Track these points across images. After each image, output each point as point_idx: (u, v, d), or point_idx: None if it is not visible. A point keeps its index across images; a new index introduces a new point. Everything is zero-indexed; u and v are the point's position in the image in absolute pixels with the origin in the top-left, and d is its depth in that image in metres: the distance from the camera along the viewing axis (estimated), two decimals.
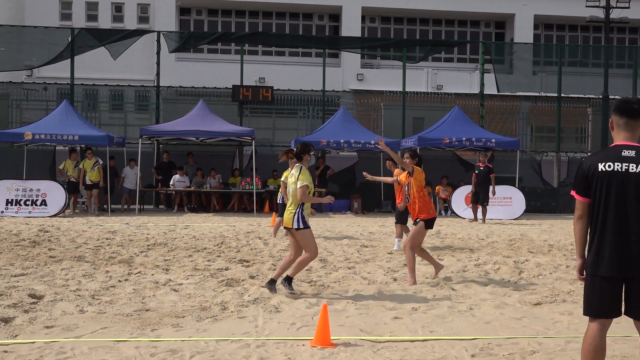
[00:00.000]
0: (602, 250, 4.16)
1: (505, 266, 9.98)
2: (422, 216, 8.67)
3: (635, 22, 32.44)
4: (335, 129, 20.87)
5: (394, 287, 8.17)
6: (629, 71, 25.03)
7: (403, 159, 8.88)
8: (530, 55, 26.41)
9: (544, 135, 25.74)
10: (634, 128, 4.27)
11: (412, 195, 8.73)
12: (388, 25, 34.67)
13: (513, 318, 6.69)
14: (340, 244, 12.54)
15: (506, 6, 33.50)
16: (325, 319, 5.55)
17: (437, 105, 25.04)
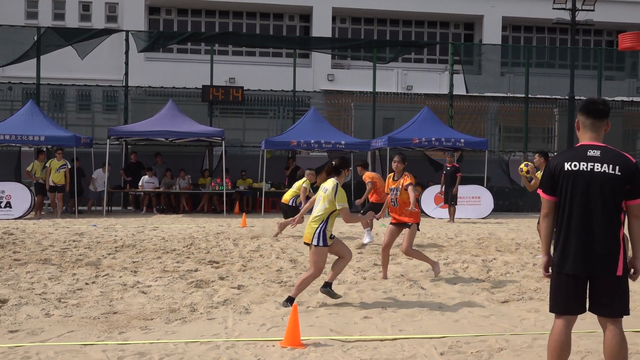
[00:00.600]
0: (567, 249, 4.22)
1: (473, 265, 10.08)
2: (413, 220, 8.75)
3: (600, 24, 32.98)
4: (306, 129, 20.86)
5: (364, 287, 8.19)
6: (594, 72, 25.46)
7: (392, 163, 8.96)
8: (498, 56, 26.71)
9: (512, 135, 26.05)
10: (600, 128, 4.34)
11: (401, 201, 8.75)
12: (358, 25, 34.79)
13: (481, 316, 6.76)
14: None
15: (475, 8, 33.85)
16: (295, 319, 5.54)
17: (407, 105, 25.18)
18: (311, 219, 7.11)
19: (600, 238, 4.15)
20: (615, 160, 4.18)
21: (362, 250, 11.79)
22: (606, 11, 32.85)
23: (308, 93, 25.75)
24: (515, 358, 5.31)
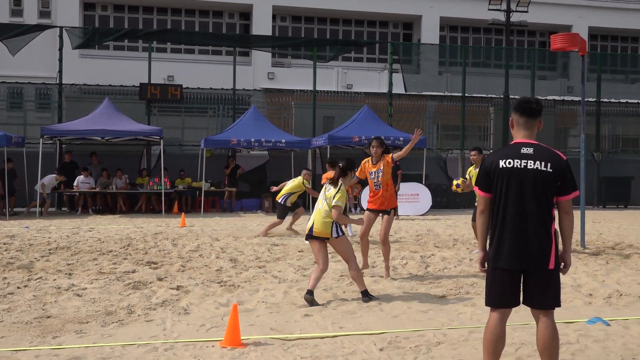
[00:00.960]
0: (502, 244, 4.32)
1: (412, 261, 10.22)
2: (393, 205, 8.80)
3: (533, 25, 33.90)
4: (246, 127, 20.74)
5: (305, 285, 8.19)
6: (528, 72, 26.17)
7: (371, 148, 8.85)
8: (436, 56, 27.17)
9: (449, 134, 26.53)
10: (533, 126, 4.46)
11: (384, 182, 8.70)
12: (299, 24, 34.79)
13: (420, 311, 6.86)
14: (250, 243, 12.47)
15: (413, 8, 34.30)
16: (235, 319, 5.50)
17: (347, 104, 25.34)
18: (323, 215, 7.24)
19: (533, 233, 4.26)
20: (547, 158, 4.30)
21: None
22: (539, 13, 33.80)
23: (248, 91, 25.63)
24: (452, 351, 5.40)
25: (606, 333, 5.99)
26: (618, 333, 6.01)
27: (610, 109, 26.48)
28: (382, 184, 8.73)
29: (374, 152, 8.86)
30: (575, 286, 8.33)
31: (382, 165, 8.72)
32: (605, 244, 12.95)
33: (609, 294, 7.84)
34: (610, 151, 26.28)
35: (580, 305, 7.28)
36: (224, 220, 17.93)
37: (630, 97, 26.93)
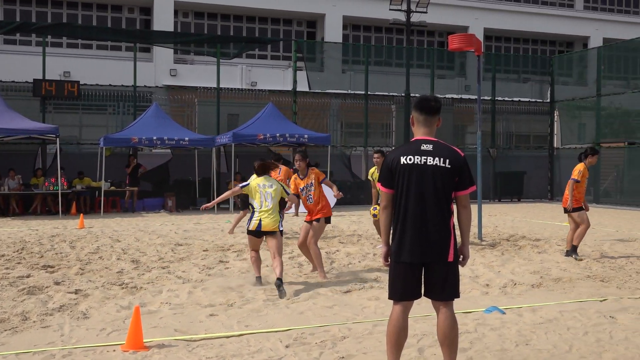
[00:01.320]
0: (404, 238, 4.42)
1: None
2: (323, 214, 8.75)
3: (432, 26, 34.96)
4: (148, 125, 20.23)
5: (209, 285, 8.10)
6: (428, 71, 26.92)
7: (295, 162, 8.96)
8: (339, 54, 27.47)
9: (353, 131, 26.92)
10: (432, 124, 4.58)
11: (315, 196, 8.74)
12: (201, 20, 34.31)
13: (325, 307, 6.93)
14: (154, 244, 12.20)
15: (317, 6, 34.58)
16: (137, 321, 5.36)
17: (252, 101, 25.21)
18: (270, 211, 7.88)
19: (433, 227, 4.39)
20: (445, 154, 4.44)
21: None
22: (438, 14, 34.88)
23: (150, 88, 24.99)
24: (357, 345, 5.49)
25: (502, 321, 6.26)
26: (513, 321, 6.29)
27: (504, 107, 27.66)
28: (314, 197, 8.80)
29: (298, 166, 8.95)
30: (473, 277, 8.65)
31: (312, 180, 8.82)
32: (501, 236, 13.53)
33: (504, 283, 8.20)
34: (504, 147, 27.47)
35: (478, 296, 7.57)
36: (126, 220, 17.45)
37: (523, 95, 28.23)
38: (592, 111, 25.58)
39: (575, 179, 10.52)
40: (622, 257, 10.52)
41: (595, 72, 25.49)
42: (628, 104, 24.40)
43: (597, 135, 24.87)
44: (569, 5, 41.39)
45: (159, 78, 29.98)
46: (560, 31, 39.57)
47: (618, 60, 26.31)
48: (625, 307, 6.86)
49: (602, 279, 8.60)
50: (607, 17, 40.93)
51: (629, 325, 6.15)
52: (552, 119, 27.88)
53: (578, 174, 10.59)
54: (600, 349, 5.40)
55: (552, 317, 6.44)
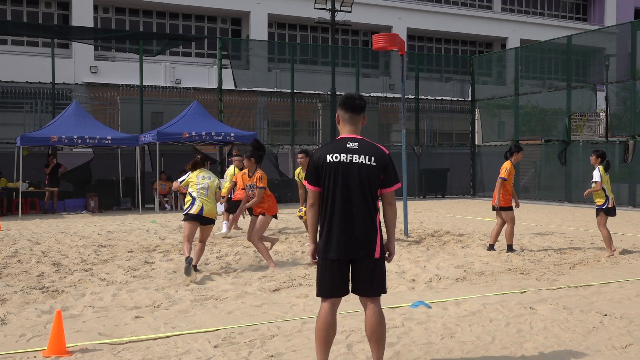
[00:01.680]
0: (331, 235, 4.45)
1: (245, 257, 10.25)
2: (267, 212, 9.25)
3: (357, 25, 35.35)
4: (68, 124, 19.59)
5: (135, 286, 7.93)
6: (353, 70, 27.20)
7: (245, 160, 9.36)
8: (265, 52, 27.36)
9: (280, 129, 26.91)
10: (357, 122, 4.63)
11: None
12: (123, 16, 33.51)
13: (253, 306, 6.90)
14: (76, 246, 11.84)
15: (242, 4, 34.36)
16: (59, 326, 5.19)
17: (176, 99, 24.82)
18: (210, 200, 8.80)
19: (360, 224, 4.44)
20: (371, 152, 4.49)
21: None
22: (362, 13, 35.31)
23: (69, 85, 24.23)
24: (286, 343, 5.49)
25: (428, 315, 6.40)
26: (438, 314, 6.44)
27: (427, 106, 28.26)
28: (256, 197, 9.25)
29: (245, 164, 9.36)
30: (400, 273, 8.80)
31: (255, 181, 9.16)
32: (426, 231, 13.82)
33: (430, 278, 8.38)
34: (428, 145, 28.06)
35: (404, 291, 7.70)
36: (45, 222, 16.86)
37: (445, 94, 28.92)
38: (511, 110, 26.47)
39: (503, 178, 10.82)
40: (541, 250, 10.94)
41: (513, 72, 26.38)
42: (544, 103, 25.37)
43: (516, 132, 25.75)
44: (488, 7, 42.68)
45: (78, 75, 29.13)
46: (480, 32, 40.76)
47: (534, 60, 27.32)
48: (544, 298, 7.13)
49: (522, 271, 8.91)
50: (523, 19, 42.44)
51: (547, 315, 6.40)
52: (473, 117, 28.68)
53: (505, 172, 10.86)
54: (522, 339, 5.59)
55: (476, 309, 6.63)
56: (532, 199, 24.80)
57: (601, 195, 10.40)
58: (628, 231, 13.95)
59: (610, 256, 10.15)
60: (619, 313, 6.45)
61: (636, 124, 21.03)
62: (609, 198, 10.43)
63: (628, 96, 21.57)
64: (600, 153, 10.63)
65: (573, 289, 7.70)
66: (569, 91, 23.59)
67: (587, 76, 25.98)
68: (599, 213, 10.48)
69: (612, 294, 7.36)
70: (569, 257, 10.22)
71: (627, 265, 9.50)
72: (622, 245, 11.49)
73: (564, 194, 23.19)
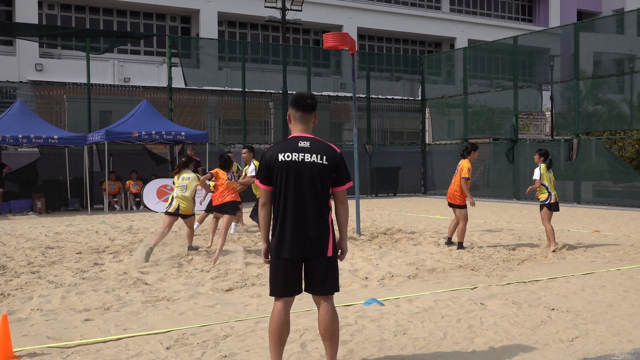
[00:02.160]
0: (284, 235, 4.45)
1: (198, 256, 10.16)
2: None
3: (308, 24, 35.39)
4: (12, 123, 19.06)
5: (84, 288, 7.78)
6: (304, 69, 27.22)
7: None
8: (215, 50, 27.13)
9: (231, 128, 26.73)
10: (309, 121, 4.64)
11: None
12: (69, 13, 32.79)
13: (206, 306, 6.84)
14: (22, 248, 11.53)
15: (191, 2, 34.03)
16: (5, 330, 5.06)
17: (125, 98, 24.39)
18: (184, 198, 10.38)
19: (312, 223, 4.45)
20: (322, 151, 4.51)
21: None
22: (313, 12, 35.38)
23: (13, 84, 23.57)
24: (240, 343, 5.47)
25: (381, 312, 6.45)
26: (391, 311, 6.50)
27: (378, 105, 28.48)
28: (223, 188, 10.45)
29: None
30: (353, 271, 8.85)
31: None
32: (378, 229, 13.93)
33: (382, 276, 8.45)
34: (380, 143, 28.28)
35: (357, 289, 7.75)
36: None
37: (395, 93, 29.20)
38: (460, 109, 26.90)
39: (467, 177, 10.94)
40: (490, 247, 11.15)
41: (462, 71, 26.81)
42: (492, 102, 25.86)
43: (465, 131, 26.18)
44: (437, 7, 43.28)
45: (23, 73, 28.39)
46: (429, 32, 41.31)
47: (482, 60, 27.80)
48: (494, 294, 7.28)
49: (472, 268, 9.07)
50: (471, 20, 43.20)
51: (497, 310, 6.53)
52: (423, 116, 29.04)
53: (468, 171, 10.93)
54: (472, 335, 5.69)
55: (428, 306, 6.72)
56: (481, 196, 25.26)
57: (544, 191, 10.79)
58: (573, 227, 14.34)
59: (555, 250, 10.43)
60: (566, 307, 6.63)
61: (580, 123, 21.64)
62: (552, 194, 10.76)
63: (572, 96, 22.16)
64: (544, 152, 11.00)
65: (521, 284, 7.88)
66: (515, 91, 24.11)
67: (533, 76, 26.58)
68: (542, 208, 10.89)
69: (559, 289, 7.55)
70: (518, 253, 10.45)
71: (573, 260, 9.77)
72: (568, 241, 11.82)
73: (512, 192, 23.69)
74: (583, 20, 24.09)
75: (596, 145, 21.81)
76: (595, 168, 21.68)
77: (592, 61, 22.32)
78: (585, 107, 22.10)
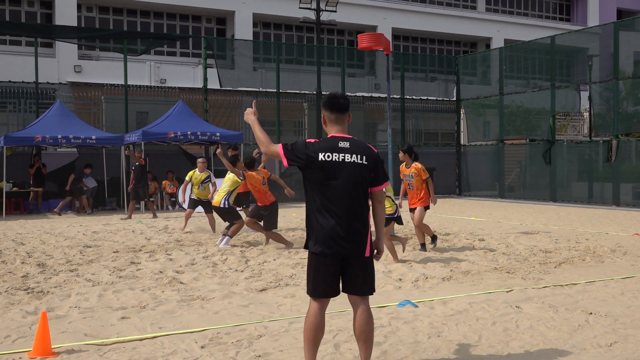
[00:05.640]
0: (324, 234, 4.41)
1: (232, 256, 10.22)
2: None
3: (342, 25, 35.36)
4: (52, 123, 19.46)
5: (121, 287, 7.89)
6: (338, 69, 27.22)
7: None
8: (250, 51, 27.31)
9: (266, 129, 26.60)
10: (343, 121, 4.64)
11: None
12: (107, 15, 33.29)
13: (240, 306, 6.88)
14: (60, 246, 11.75)
15: (226, 3, 34.26)
16: (45, 327, 5.15)
17: (161, 99, 24.70)
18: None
19: (352, 222, 4.44)
20: (362, 151, 4.51)
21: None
22: (347, 13, 35.32)
23: (53, 85, 24.05)
24: (274, 343, 5.48)
25: (415, 314, 6.41)
26: (425, 313, 6.46)
27: (413, 105, 28.34)
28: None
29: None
30: (387, 272, 8.82)
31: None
32: (412, 231, 13.84)
33: (417, 277, 8.40)
34: (414, 144, 28.13)
35: (391, 290, 7.72)
36: (30, 222, 16.73)
37: (430, 94, 29.02)
38: (496, 109, 26.60)
39: (429, 177, 10.72)
40: (526, 249, 11.00)
41: (498, 71, 26.51)
42: (528, 103, 25.53)
43: (501, 132, 25.89)
44: (472, 7, 42.86)
45: (62, 74, 28.91)
46: (464, 32, 40.92)
47: (519, 60, 27.48)
48: (530, 297, 7.18)
49: (508, 270, 8.96)
50: (507, 19, 42.67)
51: (533, 314, 6.44)
52: (458, 117, 28.80)
53: (425, 171, 10.61)
54: (508, 338, 5.62)
55: (462, 308, 6.66)
56: (517, 198, 24.94)
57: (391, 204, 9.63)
58: (612, 230, 14.07)
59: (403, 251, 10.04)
60: (604, 311, 6.50)
61: (619, 123, 21.23)
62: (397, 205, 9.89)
63: (611, 96, 21.76)
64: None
65: (558, 287, 7.76)
66: (553, 91, 23.75)
67: (571, 76, 26.18)
68: (388, 222, 9.57)
69: (597, 293, 7.42)
70: (555, 256, 10.30)
71: (612, 263, 9.59)
72: (607, 244, 11.58)
73: (549, 194, 23.35)
74: (623, 19, 23.63)
75: (636, 147, 21.36)
76: (636, 169, 21.24)
77: (632, 61, 21.87)
78: (624, 108, 21.68)
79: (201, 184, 14.10)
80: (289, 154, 4.54)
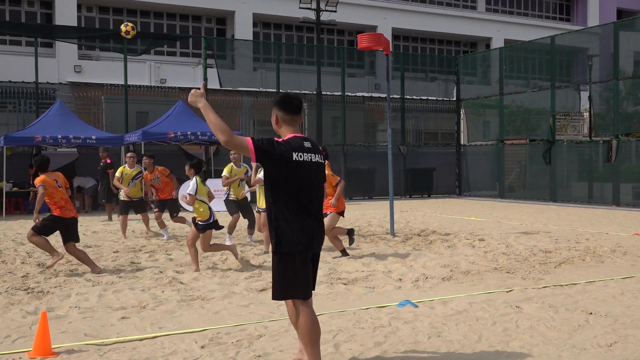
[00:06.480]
0: (307, 231, 4.48)
1: (232, 256, 10.22)
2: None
3: (342, 25, 35.36)
4: (52, 123, 19.46)
5: (121, 287, 7.89)
6: (338, 69, 27.21)
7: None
8: (250, 51, 27.31)
9: (266, 129, 26.87)
10: (297, 122, 4.72)
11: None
12: (106, 15, 33.29)
13: (240, 306, 6.88)
14: (60, 246, 11.73)
15: (226, 3, 34.26)
16: (45, 327, 5.15)
17: (161, 99, 24.71)
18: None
19: (321, 218, 4.64)
20: (319, 151, 4.71)
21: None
22: (347, 13, 35.32)
23: (53, 85, 24.05)
24: (274, 343, 5.48)
25: (415, 314, 6.41)
26: (425, 313, 6.46)
27: (413, 105, 28.33)
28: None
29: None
30: (387, 272, 8.82)
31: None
32: (412, 231, 13.85)
33: (416, 277, 8.40)
34: (414, 144, 28.14)
35: (391, 290, 7.72)
36: (30, 222, 16.71)
37: (430, 94, 29.01)
38: (496, 109, 26.60)
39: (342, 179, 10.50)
40: (526, 249, 11.00)
41: (498, 71, 26.51)
42: (528, 103, 25.53)
43: (501, 132, 25.89)
44: (472, 7, 42.86)
45: (62, 74, 28.91)
46: (464, 32, 40.93)
47: (519, 60, 27.47)
48: (530, 297, 7.18)
49: (508, 270, 8.95)
50: (507, 19, 42.67)
51: (533, 314, 6.44)
52: (458, 117, 28.79)
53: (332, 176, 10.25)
54: (508, 338, 5.62)
55: (462, 308, 6.66)
56: (517, 198, 24.94)
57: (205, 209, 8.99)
58: (612, 230, 14.08)
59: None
60: (604, 311, 6.51)
61: (619, 123, 21.23)
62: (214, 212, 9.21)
63: (611, 96, 21.76)
64: (195, 162, 9.38)
65: (558, 287, 7.76)
66: (553, 91, 23.75)
67: (571, 76, 26.18)
68: (205, 230, 9.01)
69: (597, 293, 7.42)
70: (555, 256, 10.30)
71: (612, 263, 9.59)
72: (607, 244, 11.58)
73: (549, 194, 23.35)
74: (623, 19, 23.63)
75: (636, 147, 21.36)
76: (636, 170, 21.24)
77: (632, 61, 21.87)
78: (624, 108, 21.68)
79: (132, 181, 13.31)
80: (259, 149, 4.35)
